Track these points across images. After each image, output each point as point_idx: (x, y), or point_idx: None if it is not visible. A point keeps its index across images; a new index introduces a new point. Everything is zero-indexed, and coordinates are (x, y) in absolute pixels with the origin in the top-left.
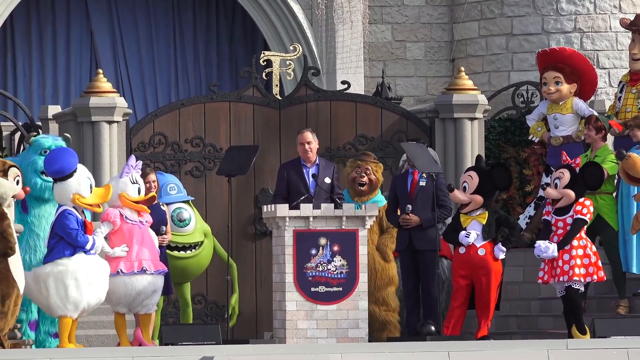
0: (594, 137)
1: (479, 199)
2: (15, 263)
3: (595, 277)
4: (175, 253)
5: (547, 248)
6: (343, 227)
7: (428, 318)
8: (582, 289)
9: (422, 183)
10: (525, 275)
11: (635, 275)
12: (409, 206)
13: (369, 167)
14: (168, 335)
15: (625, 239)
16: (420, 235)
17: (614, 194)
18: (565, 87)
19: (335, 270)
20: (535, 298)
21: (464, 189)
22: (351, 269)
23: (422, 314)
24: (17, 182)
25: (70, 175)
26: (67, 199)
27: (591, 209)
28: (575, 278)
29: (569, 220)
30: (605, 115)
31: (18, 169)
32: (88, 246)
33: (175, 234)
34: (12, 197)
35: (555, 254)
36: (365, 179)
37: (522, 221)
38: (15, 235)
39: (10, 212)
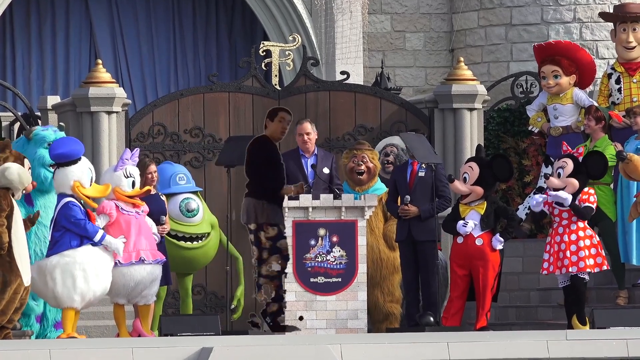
0: (594, 128)
1: (479, 190)
2: (21, 256)
3: (604, 267)
4: (182, 243)
5: (567, 195)
6: (342, 217)
7: (427, 309)
8: (587, 278)
9: (422, 174)
10: (525, 266)
11: (634, 266)
12: (408, 197)
13: (365, 155)
14: (167, 325)
15: (625, 230)
16: (419, 225)
17: (612, 186)
18: (564, 80)
19: (334, 261)
20: (534, 289)
21: (464, 179)
22: (350, 259)
23: (421, 305)
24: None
25: (75, 161)
26: (68, 186)
27: (595, 197)
28: (588, 270)
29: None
30: (606, 106)
31: (28, 160)
32: (97, 237)
33: (183, 224)
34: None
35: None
36: (362, 167)
37: (522, 212)
38: (7, 235)
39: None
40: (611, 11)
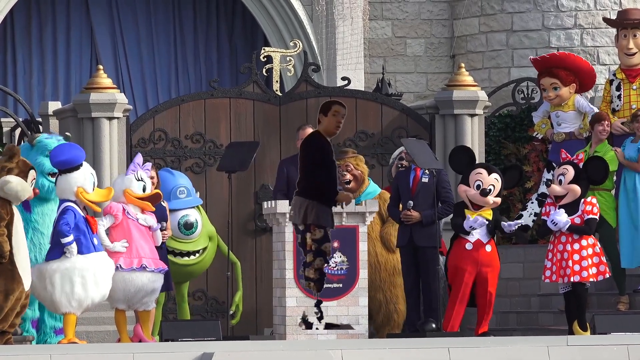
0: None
1: (498, 199)
2: (22, 262)
3: (607, 274)
4: (179, 260)
5: (564, 220)
6: (343, 223)
7: (428, 314)
8: (588, 284)
9: (425, 179)
10: (526, 272)
11: (635, 271)
12: (411, 202)
13: (349, 164)
14: (168, 331)
15: (630, 234)
16: (421, 231)
17: (613, 192)
18: (564, 91)
19: (335, 267)
20: (535, 294)
21: (478, 186)
22: (351, 265)
23: (423, 311)
24: (32, 184)
25: (77, 167)
26: (71, 192)
27: (597, 205)
28: (592, 279)
29: (577, 221)
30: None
31: (35, 170)
32: (65, 239)
33: (180, 241)
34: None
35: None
36: (347, 176)
37: (527, 218)
38: (8, 243)
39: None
40: (613, 16)
